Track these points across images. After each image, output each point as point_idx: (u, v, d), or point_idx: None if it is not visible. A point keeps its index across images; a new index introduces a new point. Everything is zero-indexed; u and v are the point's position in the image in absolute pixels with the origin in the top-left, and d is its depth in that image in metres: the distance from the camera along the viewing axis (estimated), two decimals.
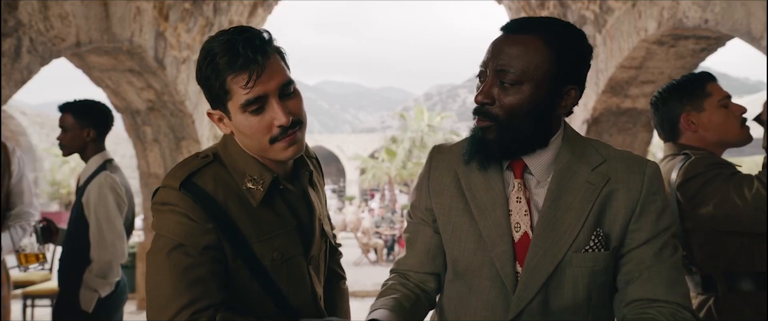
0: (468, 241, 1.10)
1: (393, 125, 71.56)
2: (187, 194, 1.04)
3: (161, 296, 1.00)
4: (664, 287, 1.02)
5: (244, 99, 1.03)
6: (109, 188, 2.26)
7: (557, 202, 1.05)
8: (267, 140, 1.07)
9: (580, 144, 1.10)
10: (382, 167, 22.84)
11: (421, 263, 1.18)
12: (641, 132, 5.14)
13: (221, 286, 1.05)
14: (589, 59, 1.08)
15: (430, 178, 1.19)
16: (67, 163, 16.97)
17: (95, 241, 2.23)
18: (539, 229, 1.05)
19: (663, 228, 1.05)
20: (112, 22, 3.73)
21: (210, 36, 1.07)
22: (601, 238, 1.04)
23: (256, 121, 1.06)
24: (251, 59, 1.01)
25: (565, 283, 1.04)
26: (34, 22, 3.04)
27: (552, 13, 5.05)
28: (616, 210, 1.05)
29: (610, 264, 1.05)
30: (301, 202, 1.19)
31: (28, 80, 3.05)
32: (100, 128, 2.39)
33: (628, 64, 4.35)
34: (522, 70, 1.01)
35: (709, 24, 3.24)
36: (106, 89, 4.90)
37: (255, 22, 5.73)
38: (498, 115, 1.03)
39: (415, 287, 1.17)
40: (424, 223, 1.19)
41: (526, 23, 1.04)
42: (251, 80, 1.02)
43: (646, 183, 1.05)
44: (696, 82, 1.63)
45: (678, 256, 1.06)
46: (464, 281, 1.12)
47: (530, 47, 1.01)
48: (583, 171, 1.06)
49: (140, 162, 5.54)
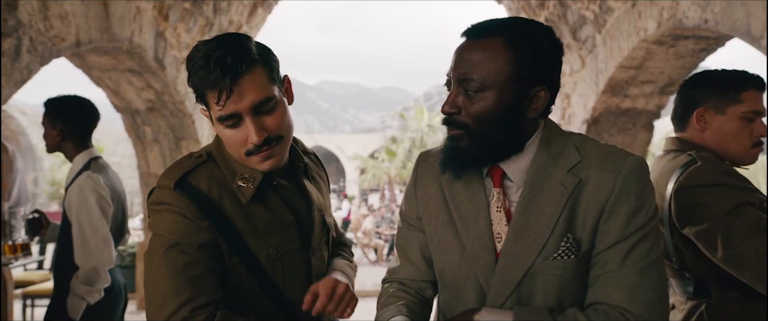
0: (452, 253, 1.09)
1: (393, 125, 71.51)
2: (182, 193, 1.06)
3: (159, 295, 1.01)
4: (620, 292, 0.97)
5: (217, 115, 1.05)
6: (91, 190, 2.12)
7: (529, 207, 1.02)
8: (243, 152, 1.09)
9: (559, 143, 1.05)
10: (382, 167, 22.83)
11: (418, 271, 1.17)
12: (641, 132, 5.14)
13: (219, 283, 1.06)
14: (558, 57, 1.03)
15: (417, 188, 1.18)
16: (67, 164, 16.94)
17: (78, 247, 2.11)
18: (510, 236, 1.03)
19: (634, 230, 0.98)
20: (111, 22, 3.73)
21: (200, 41, 1.07)
22: (571, 244, 1.00)
23: (233, 134, 1.07)
24: (219, 81, 1.01)
25: (537, 291, 1.02)
26: (34, 22, 3.04)
27: (552, 13, 5.04)
28: (585, 212, 1.00)
29: (579, 271, 1.01)
30: (298, 196, 1.19)
31: (28, 80, 3.04)
32: (72, 126, 2.22)
33: (628, 64, 4.35)
34: (484, 77, 0.98)
35: (708, 24, 3.24)
36: (106, 89, 4.90)
37: (255, 22, 5.72)
38: (467, 123, 1.01)
39: (416, 294, 1.16)
40: (417, 229, 1.17)
41: (487, 26, 1.01)
42: (221, 100, 1.02)
43: (619, 182, 0.99)
44: (736, 84, 1.49)
45: (650, 260, 0.99)
46: (451, 292, 1.12)
47: (490, 52, 0.98)
48: (558, 173, 1.02)
49: (140, 162, 5.55)
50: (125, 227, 2.40)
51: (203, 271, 1.04)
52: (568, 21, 4.94)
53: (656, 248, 1.00)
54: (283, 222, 1.15)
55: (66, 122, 2.22)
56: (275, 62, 1.11)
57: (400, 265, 1.19)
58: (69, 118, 2.22)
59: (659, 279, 1.00)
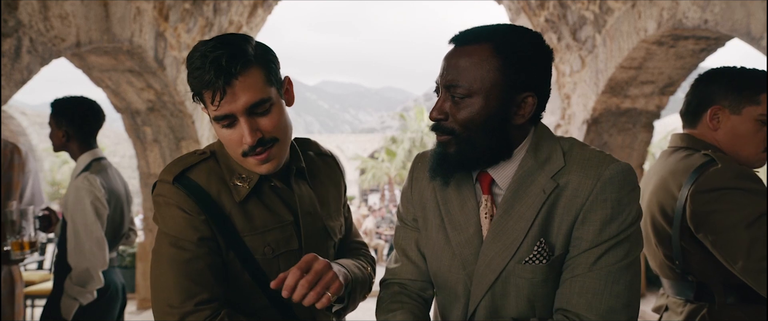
0: (444, 259, 1.10)
1: (393, 125, 71.46)
2: (179, 188, 1.08)
3: (164, 290, 1.04)
4: (581, 298, 0.96)
5: (213, 114, 1.06)
6: (86, 191, 2.14)
7: (510, 210, 1.02)
8: (239, 153, 1.10)
9: (548, 148, 1.04)
10: (382, 167, 22.85)
11: (419, 272, 1.17)
12: (641, 132, 5.14)
13: (220, 278, 1.08)
14: (546, 63, 1.02)
15: (413, 191, 1.19)
16: (67, 163, 16.98)
17: (72, 247, 2.13)
18: (489, 238, 1.03)
19: (607, 238, 0.97)
20: (112, 23, 3.74)
21: (200, 41, 1.08)
22: (544, 249, 1.00)
23: (229, 133, 1.08)
24: (213, 81, 1.02)
25: (510, 293, 1.03)
26: (34, 23, 3.04)
27: (552, 13, 5.05)
28: (561, 217, 0.99)
29: (550, 275, 1.00)
30: (293, 197, 1.19)
31: (28, 80, 3.04)
32: (77, 127, 2.25)
33: (628, 65, 4.35)
34: (470, 83, 0.98)
35: (708, 24, 3.25)
36: (106, 89, 4.90)
37: (255, 22, 5.73)
38: (454, 129, 1.01)
39: (417, 297, 1.16)
40: (415, 229, 1.18)
41: (474, 33, 1.01)
42: (215, 100, 1.03)
43: (597, 189, 0.97)
44: (755, 84, 1.42)
45: (621, 265, 0.96)
46: (444, 295, 1.13)
47: (477, 58, 0.98)
48: (541, 178, 1.01)
49: (140, 162, 5.55)
50: (123, 229, 2.39)
51: (204, 266, 1.06)
52: (568, 21, 4.94)
53: (631, 254, 0.98)
54: (282, 222, 1.15)
55: (72, 123, 2.25)
56: (274, 63, 1.11)
57: (401, 266, 1.19)
58: (75, 119, 2.25)
59: (628, 285, 0.97)
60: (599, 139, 5.08)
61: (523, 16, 5.40)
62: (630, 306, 0.97)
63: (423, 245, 1.15)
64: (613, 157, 1.02)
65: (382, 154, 23.63)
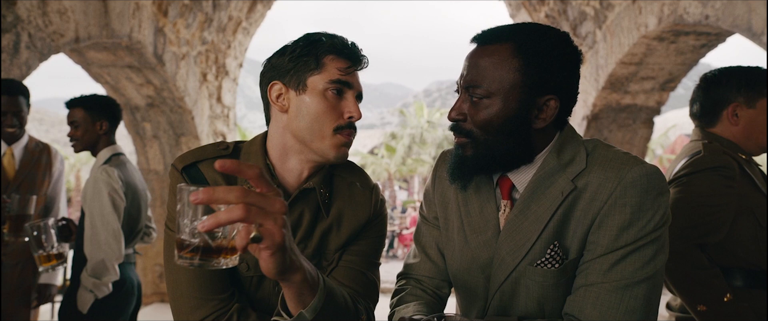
0: (463, 262, 1.08)
1: (392, 121, 71.48)
2: (184, 177, 1.07)
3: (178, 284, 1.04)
4: (594, 310, 0.92)
5: (336, 76, 1.05)
6: (104, 183, 2.17)
7: (526, 210, 0.99)
8: (332, 128, 1.05)
9: (571, 150, 1.00)
10: (382, 163, 22.83)
11: (437, 270, 1.16)
12: (641, 128, 5.14)
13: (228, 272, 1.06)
14: (572, 65, 0.97)
15: (435, 190, 1.17)
16: (67, 160, 16.94)
17: (88, 238, 2.16)
18: (502, 236, 1.01)
19: (624, 244, 0.91)
20: (111, 18, 3.72)
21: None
22: (557, 252, 0.96)
23: (331, 105, 1.05)
24: (349, 47, 1.08)
25: (519, 294, 1.01)
26: (33, 18, 3.03)
27: (552, 9, 5.03)
28: (578, 220, 0.95)
29: (561, 280, 0.97)
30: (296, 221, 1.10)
31: (27, 76, 3.04)
32: (112, 120, 2.35)
33: (629, 60, 4.35)
34: (488, 84, 0.95)
35: (709, 20, 3.24)
36: (105, 85, 4.89)
37: (254, 18, 5.71)
38: (472, 130, 0.99)
39: (433, 293, 1.15)
40: (436, 227, 1.17)
41: (496, 32, 0.98)
42: (352, 68, 1.07)
43: (617, 192, 0.92)
44: (764, 79, 1.56)
45: (638, 278, 0.91)
46: (463, 296, 1.12)
47: (497, 58, 0.95)
48: (562, 180, 0.97)
49: (140, 158, 5.54)
50: (139, 225, 2.40)
51: None
52: (569, 17, 4.93)
53: (652, 263, 0.92)
54: None
55: (110, 117, 2.34)
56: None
57: (419, 262, 1.18)
58: (112, 113, 2.36)
59: (645, 299, 0.91)
60: (599, 135, 5.08)
61: (523, 11, 5.39)
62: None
63: (443, 245, 1.14)
64: (640, 158, 0.97)
65: (381, 150, 23.60)
